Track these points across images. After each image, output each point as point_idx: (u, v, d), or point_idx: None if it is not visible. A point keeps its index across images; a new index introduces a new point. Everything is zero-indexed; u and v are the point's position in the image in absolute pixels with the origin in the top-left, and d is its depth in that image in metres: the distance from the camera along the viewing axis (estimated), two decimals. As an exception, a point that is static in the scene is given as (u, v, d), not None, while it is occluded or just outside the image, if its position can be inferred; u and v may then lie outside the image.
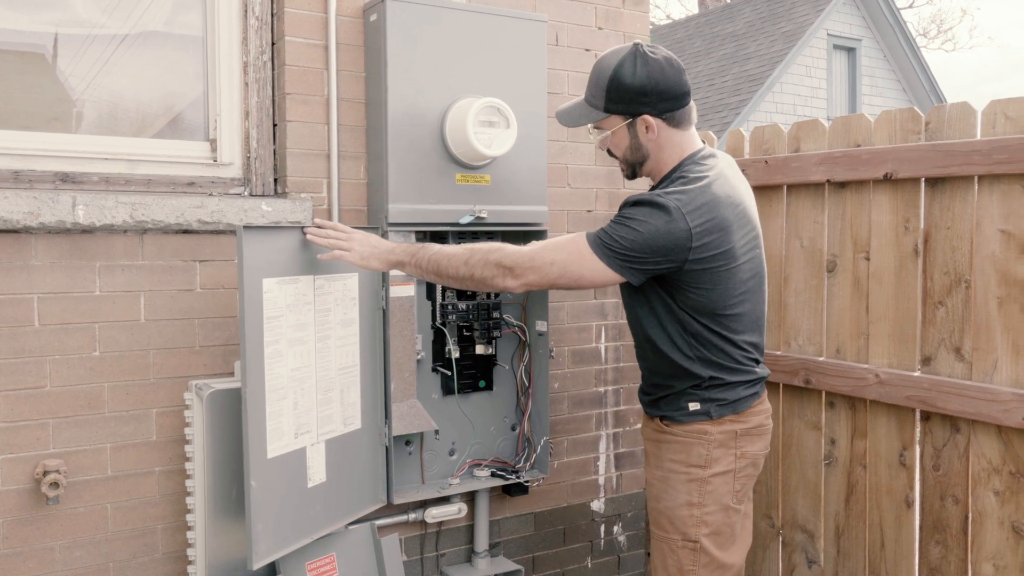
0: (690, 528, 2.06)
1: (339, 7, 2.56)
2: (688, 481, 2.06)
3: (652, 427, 2.18)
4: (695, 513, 2.06)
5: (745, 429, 2.08)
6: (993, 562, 2.30)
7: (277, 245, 2.17)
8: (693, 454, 2.06)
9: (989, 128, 2.30)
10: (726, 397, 2.07)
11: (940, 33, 24.68)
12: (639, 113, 2.04)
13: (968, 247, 2.35)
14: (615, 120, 2.08)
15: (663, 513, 2.10)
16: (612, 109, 2.06)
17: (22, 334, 2.22)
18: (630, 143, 2.09)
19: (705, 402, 2.06)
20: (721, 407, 2.06)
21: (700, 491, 2.05)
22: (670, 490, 2.09)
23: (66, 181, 2.33)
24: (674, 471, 2.09)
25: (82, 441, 2.30)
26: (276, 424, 2.17)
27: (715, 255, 1.96)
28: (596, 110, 2.08)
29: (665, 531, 2.10)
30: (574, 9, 3.02)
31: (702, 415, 2.06)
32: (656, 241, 1.91)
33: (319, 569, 2.40)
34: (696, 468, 2.06)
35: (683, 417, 2.07)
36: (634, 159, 2.12)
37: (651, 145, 2.08)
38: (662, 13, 24.97)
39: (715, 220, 1.95)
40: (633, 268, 1.96)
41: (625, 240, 1.93)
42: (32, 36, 2.41)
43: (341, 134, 2.58)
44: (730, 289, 2.02)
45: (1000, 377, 2.28)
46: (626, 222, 1.94)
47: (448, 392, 2.70)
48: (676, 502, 2.07)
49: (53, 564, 2.28)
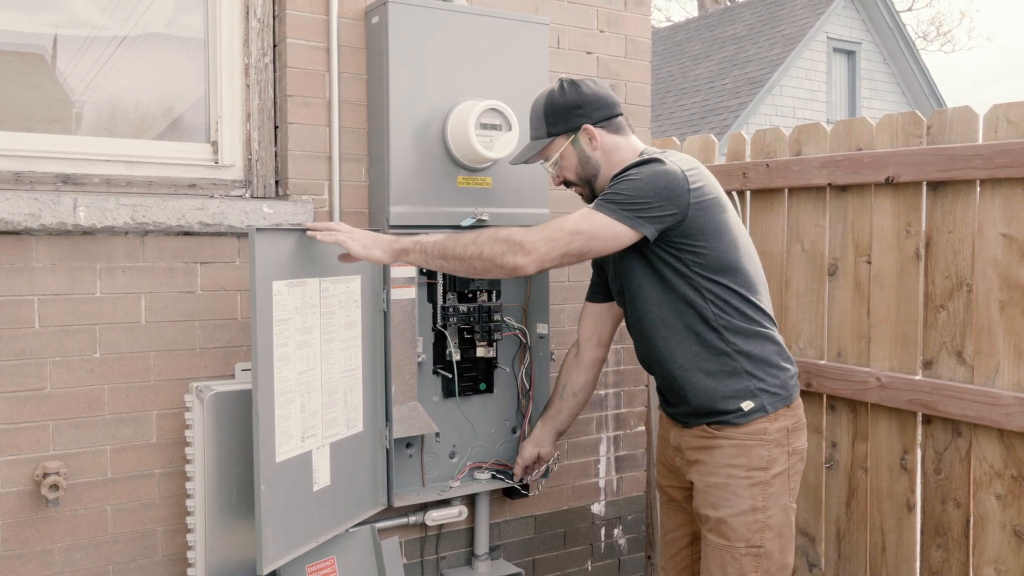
0: (755, 534, 2.00)
1: (341, 9, 2.56)
2: (751, 486, 2.01)
3: (695, 435, 2.10)
4: (760, 518, 2.00)
5: (794, 424, 2.07)
6: (995, 566, 2.30)
7: (286, 247, 2.17)
8: (754, 457, 2.01)
9: (991, 132, 2.30)
10: (771, 384, 2.03)
11: (939, 35, 24.73)
12: (578, 126, 2.12)
13: (970, 251, 2.35)
14: (560, 142, 2.15)
15: (723, 521, 2.02)
16: (553, 131, 2.15)
17: (22, 336, 2.21)
18: (579, 159, 2.15)
19: (756, 396, 2.02)
20: (773, 399, 2.02)
21: (764, 494, 2.00)
22: (731, 496, 2.02)
23: (67, 183, 2.32)
24: (734, 476, 2.02)
25: (82, 443, 2.29)
26: (284, 427, 2.17)
27: (711, 200, 2.00)
28: (540, 140, 2.17)
29: (727, 539, 2.02)
30: (576, 12, 3.02)
31: (758, 412, 2.01)
32: (657, 183, 1.95)
33: (320, 572, 2.39)
34: (758, 471, 2.01)
35: (738, 419, 2.02)
36: (587, 174, 2.16)
37: (598, 155, 2.14)
38: (662, 16, 24.99)
39: (698, 169, 2.03)
40: (642, 217, 1.94)
41: (628, 190, 1.95)
42: (32, 37, 2.41)
43: (343, 136, 2.58)
44: (734, 240, 2.04)
45: (1002, 381, 2.28)
46: (624, 178, 1.98)
47: (449, 394, 2.69)
48: (739, 508, 2.01)
49: (53, 566, 2.27)
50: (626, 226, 1.94)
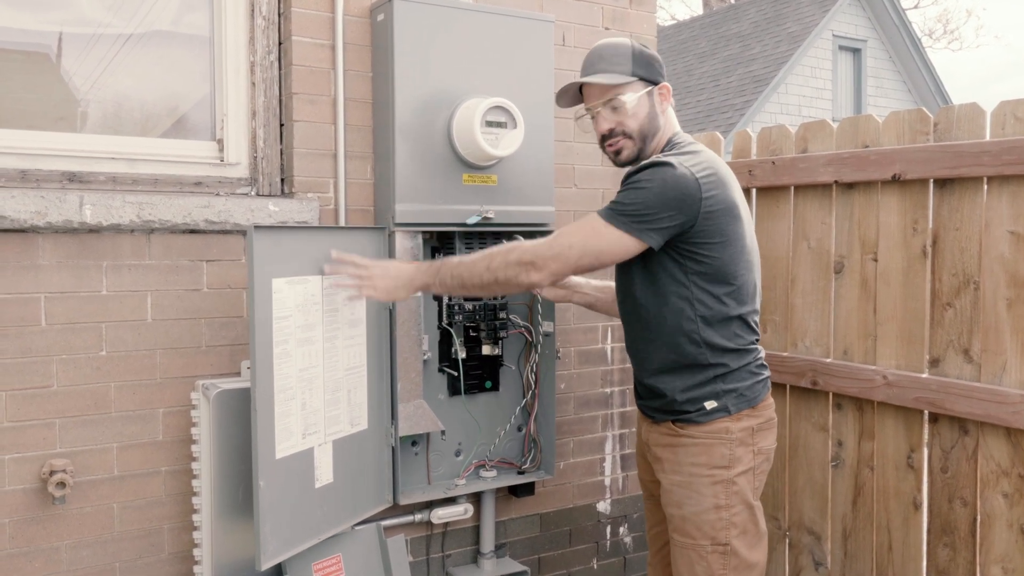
0: (719, 532, 2.01)
1: (346, 7, 2.56)
2: (713, 484, 2.01)
3: (662, 431, 2.11)
4: (723, 516, 2.01)
5: (760, 424, 2.07)
6: (1002, 565, 2.29)
7: (286, 245, 2.17)
8: (716, 455, 2.02)
9: (998, 129, 2.29)
10: (739, 387, 2.03)
11: (946, 33, 24.61)
12: (659, 80, 2.09)
13: (977, 248, 2.34)
14: (637, 86, 2.08)
15: (688, 520, 2.04)
16: (639, 73, 2.07)
17: (29, 334, 2.22)
18: (648, 112, 2.09)
19: (721, 397, 2.02)
20: (738, 400, 2.03)
21: (727, 492, 2.01)
22: (694, 495, 2.03)
23: (73, 181, 2.33)
24: (696, 475, 2.03)
25: (88, 441, 2.30)
26: (284, 424, 2.17)
27: (723, 209, 1.97)
28: (618, 76, 2.07)
29: (692, 538, 2.03)
30: (581, 9, 3.01)
31: (720, 411, 2.02)
32: (667, 193, 1.92)
33: (325, 570, 2.39)
34: (720, 469, 2.02)
35: (701, 417, 2.03)
36: (650, 131, 2.10)
37: (662, 118, 2.11)
38: (667, 14, 24.95)
39: (718, 175, 1.99)
40: (650, 228, 1.93)
41: (636, 201, 1.94)
42: (37, 36, 2.41)
43: (348, 134, 2.58)
44: (740, 250, 2.01)
45: (1009, 379, 2.28)
46: (633, 186, 1.96)
47: (454, 393, 2.69)
48: (702, 507, 2.02)
49: (59, 564, 2.28)
50: (634, 238, 1.94)
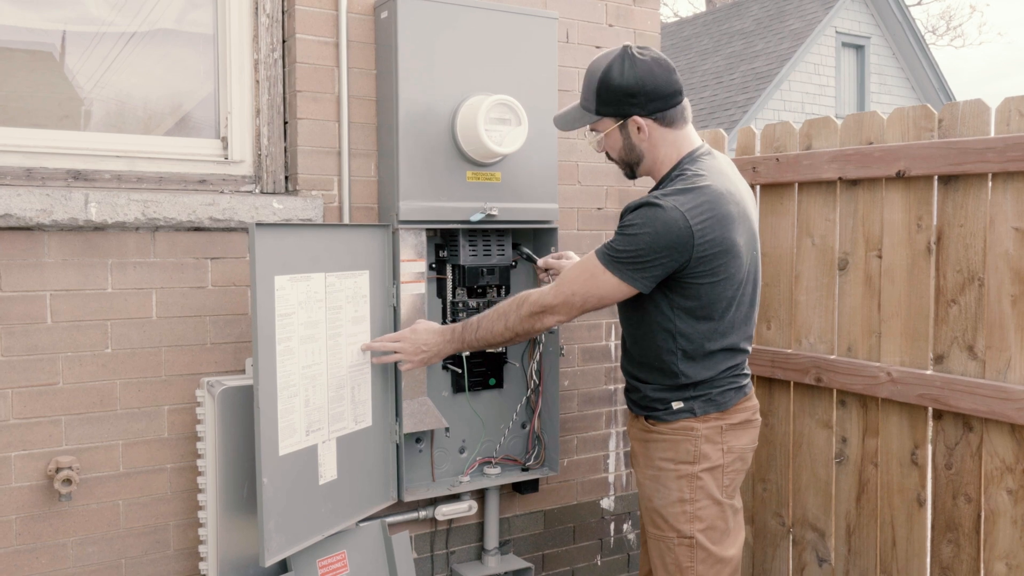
0: (683, 524, 2.07)
1: (350, 4, 2.56)
2: (678, 478, 2.08)
3: (639, 427, 2.19)
4: (687, 509, 2.07)
5: (731, 424, 2.10)
6: (1006, 561, 2.29)
7: (289, 242, 2.17)
8: (681, 451, 2.08)
9: (1003, 125, 2.29)
10: (709, 394, 2.09)
11: (949, 30, 24.56)
12: (629, 114, 2.07)
13: (981, 245, 2.34)
14: (607, 122, 2.11)
15: (656, 511, 2.12)
16: (603, 111, 2.10)
17: (35, 331, 2.23)
18: (623, 144, 2.13)
19: (689, 400, 2.08)
20: (705, 404, 2.08)
21: (691, 487, 2.07)
22: (661, 488, 2.11)
23: (78, 178, 2.33)
24: (664, 469, 2.10)
25: (94, 438, 2.31)
26: (288, 421, 2.17)
27: (718, 252, 1.97)
28: (589, 113, 2.13)
29: (660, 529, 2.12)
30: (584, 6, 3.01)
31: (686, 412, 2.08)
32: (659, 241, 1.93)
33: (330, 566, 2.40)
34: (685, 464, 2.08)
35: (668, 416, 2.09)
36: (629, 159, 2.15)
37: (644, 145, 2.11)
38: (670, 11, 24.91)
39: (715, 216, 1.95)
40: (644, 275, 1.97)
41: (630, 249, 1.96)
42: (42, 34, 2.42)
43: (352, 131, 2.58)
44: (727, 290, 2.03)
45: (1014, 375, 2.27)
46: (627, 231, 1.98)
47: (459, 390, 2.70)
48: (668, 499, 2.09)
49: (65, 560, 2.28)
50: (628, 284, 2.00)
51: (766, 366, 2.89)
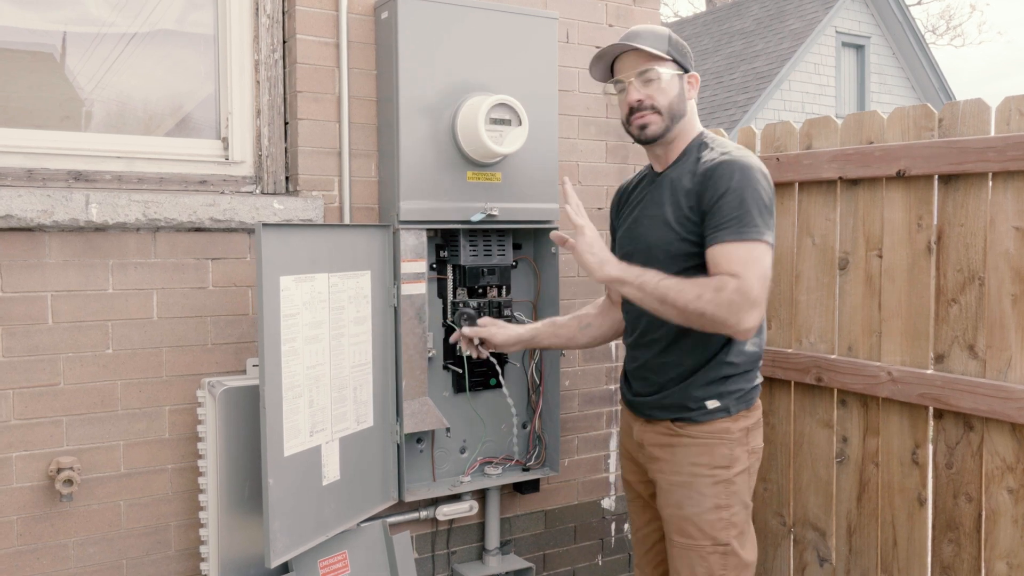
0: (720, 532, 2.00)
1: (350, 5, 2.57)
2: (715, 484, 2.00)
3: (659, 431, 2.09)
4: (723, 516, 2.00)
5: (753, 424, 2.08)
6: (1007, 560, 2.29)
7: (294, 243, 2.18)
8: (717, 455, 2.01)
9: (1003, 125, 2.29)
10: (742, 387, 2.04)
11: (949, 30, 24.57)
12: (689, 70, 2.08)
13: (982, 244, 2.34)
14: (671, 66, 2.06)
15: (688, 520, 2.02)
16: (672, 55, 2.06)
17: (36, 332, 2.23)
18: (679, 93, 2.07)
19: (724, 397, 2.02)
20: (738, 400, 2.03)
21: (727, 492, 2.00)
22: (695, 495, 2.01)
23: (79, 179, 2.33)
24: (698, 475, 2.01)
25: (95, 438, 2.31)
26: (293, 422, 2.18)
27: None
28: (657, 51, 2.03)
29: (692, 538, 2.01)
30: (585, 6, 3.01)
31: (722, 412, 2.02)
32: (770, 188, 1.97)
33: (331, 566, 2.40)
34: (721, 469, 2.01)
35: (702, 416, 2.02)
36: (678, 111, 2.07)
37: (687, 105, 2.09)
38: (670, 11, 24.91)
39: None
40: (771, 228, 1.94)
41: (764, 201, 1.93)
42: (43, 35, 2.42)
43: (352, 132, 2.59)
44: None
45: (1014, 375, 2.27)
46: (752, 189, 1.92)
47: (459, 390, 2.70)
48: (703, 507, 2.00)
49: (67, 561, 2.29)
50: (772, 244, 1.93)
51: (766, 365, 2.89)
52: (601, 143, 3.06)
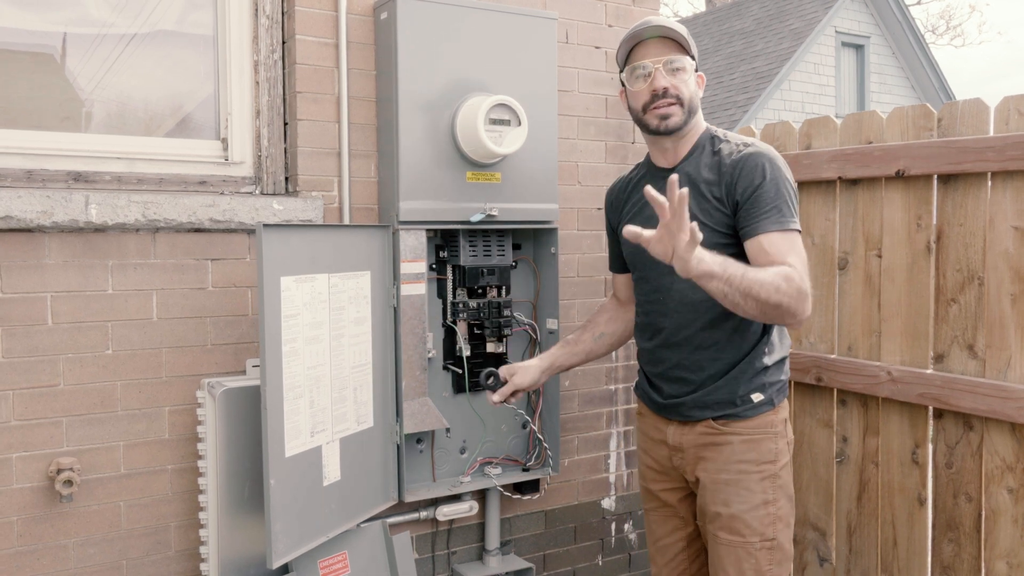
0: (767, 527, 2.00)
1: (349, 5, 2.57)
2: (762, 479, 2.01)
3: (699, 431, 2.05)
4: (771, 511, 2.01)
5: (787, 415, 2.10)
6: (1007, 560, 2.29)
7: (294, 243, 2.18)
8: (763, 450, 2.02)
9: (1002, 124, 2.29)
10: (780, 379, 2.07)
11: (949, 29, 24.57)
12: (698, 68, 2.10)
13: (981, 244, 2.34)
14: (689, 63, 2.06)
15: (736, 517, 2.01)
16: (691, 52, 2.07)
17: (36, 332, 2.23)
18: (695, 88, 2.08)
19: (766, 389, 2.03)
20: (779, 392, 2.06)
21: (773, 487, 2.01)
22: (743, 492, 2.01)
23: (78, 180, 2.33)
24: (746, 472, 2.01)
25: (95, 439, 2.31)
26: (293, 423, 2.18)
27: None
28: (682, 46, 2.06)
29: (740, 535, 2.00)
30: (584, 6, 3.01)
31: (766, 405, 2.02)
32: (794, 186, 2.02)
33: (331, 567, 2.40)
34: (767, 464, 2.02)
35: (748, 412, 2.02)
36: (694, 106, 2.07)
37: (698, 100, 2.10)
38: (670, 11, 24.91)
39: None
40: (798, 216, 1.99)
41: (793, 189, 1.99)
42: (43, 36, 2.42)
43: (352, 132, 2.59)
44: None
45: (1014, 374, 2.27)
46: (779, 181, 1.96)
47: (459, 390, 2.70)
48: (751, 503, 2.00)
49: (67, 561, 2.29)
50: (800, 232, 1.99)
51: (766, 366, 2.89)
52: (601, 143, 3.06)
